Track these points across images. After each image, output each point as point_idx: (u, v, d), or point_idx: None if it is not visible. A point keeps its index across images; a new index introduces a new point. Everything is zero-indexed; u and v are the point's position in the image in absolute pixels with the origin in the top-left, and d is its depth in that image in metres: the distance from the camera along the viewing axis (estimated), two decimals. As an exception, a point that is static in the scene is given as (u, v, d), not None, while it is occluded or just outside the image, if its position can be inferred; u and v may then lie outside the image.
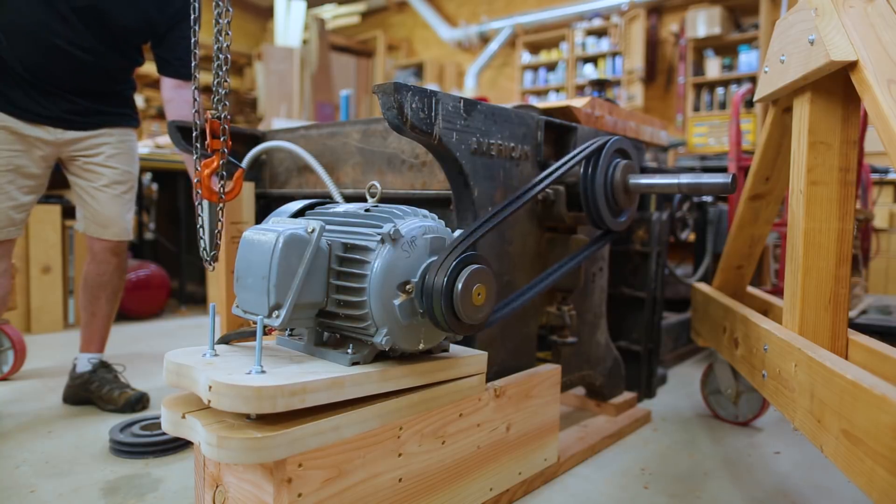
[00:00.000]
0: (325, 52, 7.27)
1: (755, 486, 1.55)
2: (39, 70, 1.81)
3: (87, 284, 2.05)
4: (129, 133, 2.04)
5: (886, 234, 4.13)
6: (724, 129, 4.13)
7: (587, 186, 1.50)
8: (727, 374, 1.98)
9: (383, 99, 1.19)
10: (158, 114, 7.70)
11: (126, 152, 2.01)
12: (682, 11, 6.57)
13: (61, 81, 1.85)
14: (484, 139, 1.42)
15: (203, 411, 1.03)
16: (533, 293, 1.42)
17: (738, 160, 2.49)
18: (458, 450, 1.27)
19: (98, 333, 2.09)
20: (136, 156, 2.05)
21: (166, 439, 1.65)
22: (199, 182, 1.28)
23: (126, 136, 2.02)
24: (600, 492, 1.51)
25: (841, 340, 1.28)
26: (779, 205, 1.80)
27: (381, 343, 1.08)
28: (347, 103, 5.83)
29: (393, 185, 1.75)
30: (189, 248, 4.06)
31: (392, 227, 1.08)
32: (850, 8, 1.13)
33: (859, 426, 0.92)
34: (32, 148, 1.85)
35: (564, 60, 7.46)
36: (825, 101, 1.25)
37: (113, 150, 1.97)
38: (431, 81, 8.32)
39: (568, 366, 1.77)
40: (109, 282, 2.04)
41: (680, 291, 2.90)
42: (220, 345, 1.20)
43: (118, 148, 1.98)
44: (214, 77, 1.22)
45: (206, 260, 1.32)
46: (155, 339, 3.15)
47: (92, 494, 1.43)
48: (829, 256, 1.26)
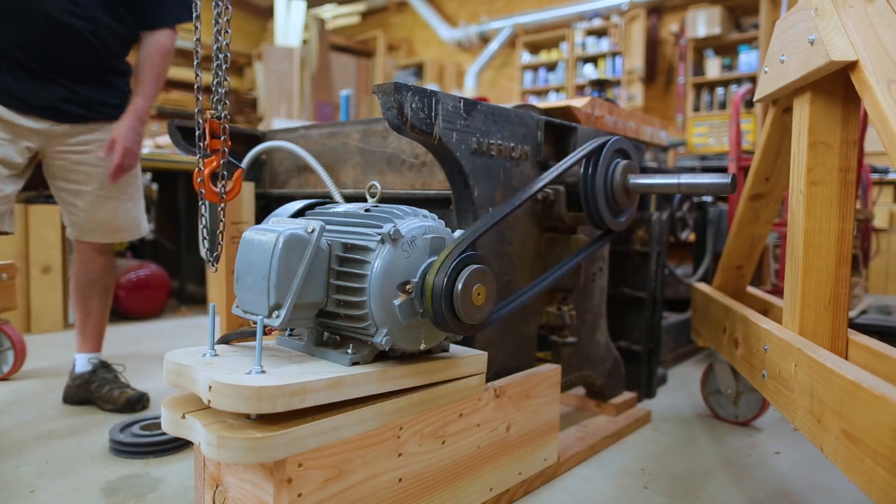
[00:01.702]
0: (325, 52, 7.28)
1: (755, 486, 1.55)
2: (35, 49, 1.72)
3: (78, 284, 2.02)
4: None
5: (886, 234, 4.13)
6: (724, 129, 4.13)
7: (587, 186, 1.50)
8: (727, 374, 1.98)
9: (383, 99, 1.19)
10: (158, 114, 7.71)
11: None
12: (682, 11, 6.57)
13: (58, 61, 1.77)
14: (484, 139, 1.42)
15: (203, 411, 1.03)
16: (533, 293, 1.42)
17: (738, 160, 2.49)
18: (458, 450, 1.27)
19: (94, 332, 2.06)
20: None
21: (166, 439, 1.65)
22: (200, 182, 1.28)
23: None
24: (600, 492, 1.51)
25: (841, 340, 1.28)
26: (779, 205, 1.80)
27: (381, 343, 1.08)
28: (347, 103, 5.83)
29: (393, 185, 1.75)
30: (189, 248, 4.05)
31: (392, 227, 1.08)
32: (849, 8, 1.13)
33: (859, 426, 0.92)
34: (19, 138, 1.78)
35: (564, 60, 7.46)
36: (825, 101, 1.25)
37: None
38: (431, 81, 8.32)
39: (568, 366, 1.77)
40: (99, 279, 2.01)
41: (680, 291, 2.90)
42: (220, 345, 1.20)
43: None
44: (214, 77, 1.22)
45: (208, 260, 1.32)
46: (155, 339, 3.15)
47: (92, 494, 1.43)
48: (829, 256, 1.26)
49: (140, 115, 1.85)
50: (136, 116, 1.84)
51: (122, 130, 1.82)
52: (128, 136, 1.82)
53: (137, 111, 1.85)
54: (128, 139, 1.82)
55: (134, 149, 1.84)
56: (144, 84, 1.88)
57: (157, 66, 1.89)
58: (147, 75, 1.88)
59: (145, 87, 1.88)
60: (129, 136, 1.82)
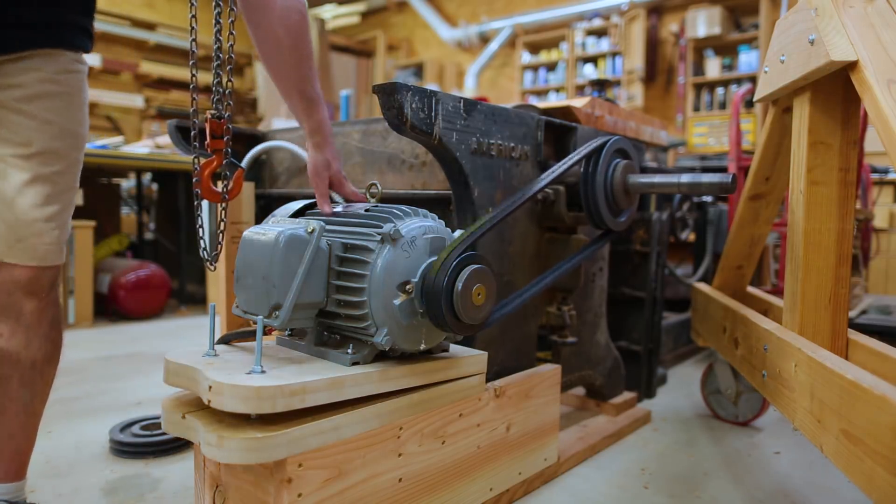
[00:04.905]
0: (325, 52, 7.28)
1: (755, 486, 1.55)
2: None
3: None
4: (75, 62, 1.14)
5: (886, 234, 4.13)
6: (724, 129, 4.13)
7: (587, 186, 1.50)
8: (727, 374, 1.98)
9: (383, 99, 1.19)
10: (158, 114, 7.72)
11: (66, 95, 1.12)
12: (682, 11, 6.57)
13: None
14: (484, 139, 1.42)
15: (203, 411, 1.03)
16: (533, 293, 1.42)
17: (738, 160, 2.49)
18: (458, 450, 1.27)
19: (11, 446, 1.15)
20: (83, 105, 1.17)
21: (166, 439, 1.65)
22: (198, 182, 1.28)
23: (69, 67, 1.12)
24: (600, 492, 1.51)
25: (841, 340, 1.28)
26: (779, 205, 1.80)
27: (381, 343, 1.08)
28: (347, 103, 5.83)
29: (393, 185, 1.75)
30: (189, 248, 4.06)
31: (392, 227, 1.08)
32: (849, 8, 1.13)
33: (859, 426, 0.92)
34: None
35: (564, 60, 7.45)
36: (825, 101, 1.25)
37: (40, 89, 1.08)
38: (431, 81, 8.32)
39: (568, 366, 1.77)
40: (25, 348, 1.13)
41: (680, 291, 2.90)
42: (220, 345, 1.20)
43: (51, 85, 1.09)
44: (214, 77, 1.22)
45: (207, 260, 1.31)
46: (155, 339, 3.15)
47: (92, 494, 1.43)
48: (829, 256, 1.26)
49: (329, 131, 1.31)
50: (328, 133, 1.31)
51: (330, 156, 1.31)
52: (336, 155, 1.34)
53: (322, 127, 1.29)
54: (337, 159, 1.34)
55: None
56: (300, 79, 1.25)
57: (295, 47, 1.22)
58: (291, 65, 1.24)
59: (305, 84, 1.25)
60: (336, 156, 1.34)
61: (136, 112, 7.70)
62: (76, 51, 1.14)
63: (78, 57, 1.15)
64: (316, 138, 1.29)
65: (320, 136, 1.29)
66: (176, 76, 7.89)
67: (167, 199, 4.35)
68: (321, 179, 1.30)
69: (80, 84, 1.15)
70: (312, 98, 1.27)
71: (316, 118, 1.28)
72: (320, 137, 1.29)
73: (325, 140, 1.29)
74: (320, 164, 1.30)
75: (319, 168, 1.30)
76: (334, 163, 1.32)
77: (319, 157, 1.29)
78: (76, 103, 1.14)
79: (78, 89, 1.15)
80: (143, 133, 7.34)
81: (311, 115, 1.28)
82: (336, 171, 1.32)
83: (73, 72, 1.13)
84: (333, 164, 1.31)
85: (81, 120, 1.16)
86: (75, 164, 1.16)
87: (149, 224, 4.47)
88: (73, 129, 1.14)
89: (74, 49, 1.13)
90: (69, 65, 1.12)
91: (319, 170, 1.30)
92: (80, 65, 1.16)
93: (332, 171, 1.32)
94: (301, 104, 1.27)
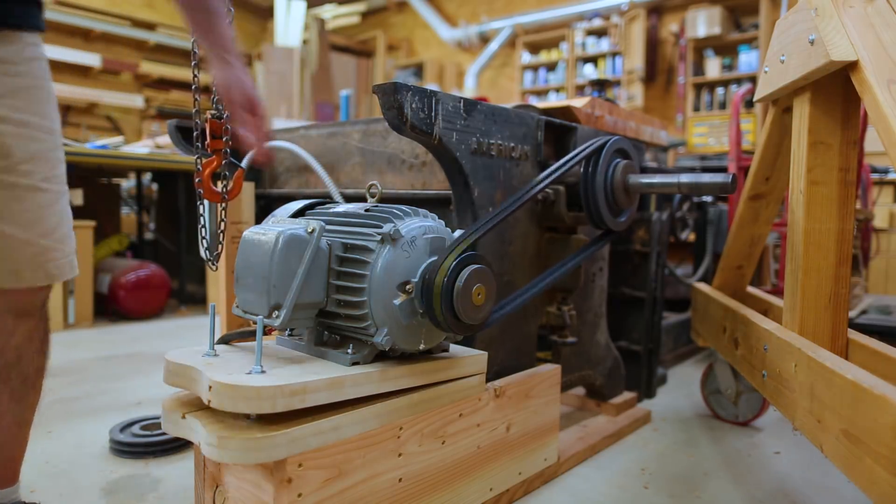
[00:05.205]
0: (325, 52, 7.28)
1: (755, 486, 1.55)
2: None
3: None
4: (32, 46, 1.01)
5: (886, 234, 4.13)
6: (724, 129, 4.13)
7: (587, 186, 1.50)
8: (727, 374, 1.98)
9: (383, 99, 1.19)
10: (159, 114, 7.72)
11: (35, 89, 1.01)
12: (682, 11, 6.57)
13: None
14: (484, 139, 1.42)
15: (203, 411, 1.04)
16: (533, 293, 1.42)
17: (738, 160, 2.49)
18: (458, 450, 1.27)
19: (2, 455, 1.16)
20: (53, 97, 1.06)
21: (166, 439, 1.65)
22: (199, 182, 1.28)
23: (29, 54, 1.00)
24: (600, 492, 1.51)
25: (841, 340, 1.28)
26: (779, 205, 1.80)
27: (381, 343, 1.08)
28: (347, 103, 5.83)
29: (393, 185, 1.75)
30: (189, 248, 4.06)
31: (392, 227, 1.08)
32: (849, 8, 1.13)
33: (859, 426, 0.92)
34: None
35: (564, 60, 7.46)
36: (825, 101, 1.25)
37: (3, 85, 0.97)
38: (431, 81, 8.32)
39: (568, 366, 1.77)
40: (15, 364, 1.10)
41: (680, 291, 2.90)
42: (220, 345, 1.20)
43: (16, 79, 0.98)
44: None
45: (209, 260, 1.31)
46: (155, 339, 3.15)
47: (92, 494, 1.43)
48: (829, 256, 1.26)
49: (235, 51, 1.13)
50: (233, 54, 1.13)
51: (235, 78, 1.13)
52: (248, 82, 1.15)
53: (226, 42, 1.12)
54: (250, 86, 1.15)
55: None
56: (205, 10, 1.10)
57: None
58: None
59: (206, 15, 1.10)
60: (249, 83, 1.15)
61: (136, 112, 7.71)
62: (31, 30, 0.98)
63: (35, 39, 0.99)
64: (219, 52, 1.10)
65: (224, 50, 1.10)
66: (176, 76, 7.89)
67: (167, 199, 4.35)
68: (232, 99, 1.10)
69: (44, 73, 1.02)
70: (211, 9, 1.09)
71: (218, 31, 1.10)
72: (225, 52, 1.10)
73: (233, 56, 1.11)
74: (232, 79, 1.09)
75: (231, 83, 1.09)
76: (247, 80, 1.12)
77: (229, 72, 1.10)
78: (45, 96, 1.01)
79: (44, 79, 1.02)
80: (143, 133, 7.34)
81: (213, 27, 1.10)
82: (250, 93, 1.13)
83: (35, 58, 0.99)
84: (247, 81, 1.12)
85: (54, 115, 1.04)
86: (59, 165, 1.06)
87: (149, 224, 4.47)
88: (49, 126, 1.02)
89: (29, 28, 0.97)
90: (27, 50, 0.97)
91: (231, 86, 1.09)
92: (39, 48, 1.01)
93: (247, 91, 1.12)
94: (198, 14, 1.08)
